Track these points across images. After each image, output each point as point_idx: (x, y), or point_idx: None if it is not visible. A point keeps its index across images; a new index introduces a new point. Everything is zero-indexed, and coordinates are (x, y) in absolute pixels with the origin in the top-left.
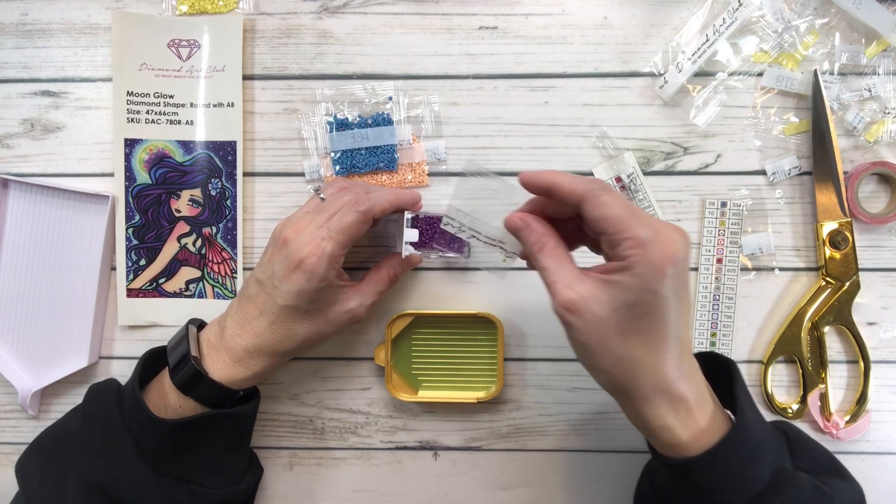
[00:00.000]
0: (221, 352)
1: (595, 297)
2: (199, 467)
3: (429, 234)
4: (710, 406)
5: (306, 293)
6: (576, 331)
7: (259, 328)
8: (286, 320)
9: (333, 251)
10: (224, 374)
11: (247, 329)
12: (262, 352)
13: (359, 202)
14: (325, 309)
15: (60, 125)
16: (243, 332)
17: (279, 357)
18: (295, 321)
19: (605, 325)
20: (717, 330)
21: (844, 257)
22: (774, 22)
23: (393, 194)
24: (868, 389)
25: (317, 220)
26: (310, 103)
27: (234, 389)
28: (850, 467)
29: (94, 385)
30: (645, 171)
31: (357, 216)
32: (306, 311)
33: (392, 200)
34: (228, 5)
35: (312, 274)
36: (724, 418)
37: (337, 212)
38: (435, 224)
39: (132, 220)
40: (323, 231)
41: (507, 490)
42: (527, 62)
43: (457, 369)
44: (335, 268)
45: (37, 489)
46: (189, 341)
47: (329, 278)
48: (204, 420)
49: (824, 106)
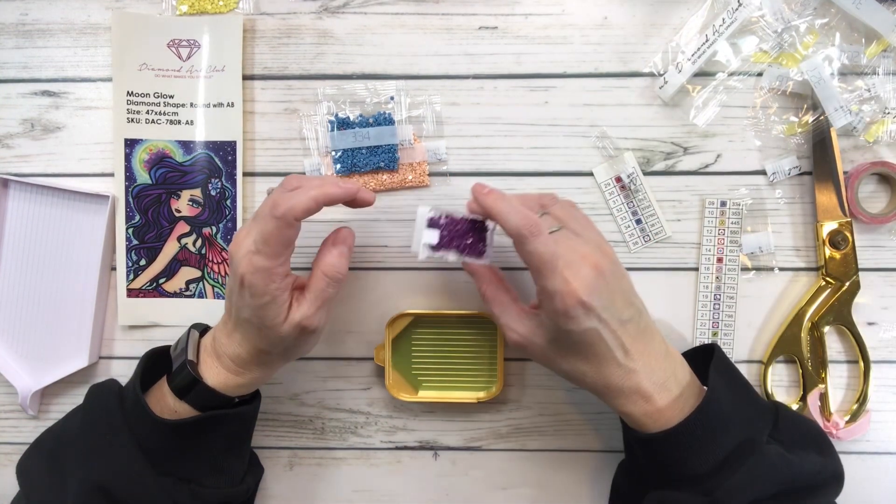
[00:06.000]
0: (214, 358)
1: (533, 332)
2: (201, 467)
3: (448, 236)
4: (673, 391)
5: (256, 309)
6: (530, 356)
7: (237, 339)
8: (252, 335)
9: (264, 265)
10: (218, 381)
11: (230, 339)
12: (247, 362)
13: (276, 205)
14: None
15: (60, 125)
16: (229, 342)
17: (267, 366)
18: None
19: (548, 351)
20: (717, 329)
21: (844, 257)
22: (774, 22)
23: (318, 189)
24: (868, 389)
25: (252, 229)
26: (310, 103)
27: (230, 396)
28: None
29: (95, 385)
30: (645, 171)
31: (275, 222)
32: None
33: (315, 196)
34: (228, 5)
35: (253, 291)
36: (694, 398)
37: (261, 219)
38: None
39: (132, 220)
40: (252, 244)
41: (507, 490)
42: (527, 62)
43: (457, 369)
44: (274, 280)
45: (38, 490)
46: (188, 346)
47: (271, 291)
48: (206, 420)
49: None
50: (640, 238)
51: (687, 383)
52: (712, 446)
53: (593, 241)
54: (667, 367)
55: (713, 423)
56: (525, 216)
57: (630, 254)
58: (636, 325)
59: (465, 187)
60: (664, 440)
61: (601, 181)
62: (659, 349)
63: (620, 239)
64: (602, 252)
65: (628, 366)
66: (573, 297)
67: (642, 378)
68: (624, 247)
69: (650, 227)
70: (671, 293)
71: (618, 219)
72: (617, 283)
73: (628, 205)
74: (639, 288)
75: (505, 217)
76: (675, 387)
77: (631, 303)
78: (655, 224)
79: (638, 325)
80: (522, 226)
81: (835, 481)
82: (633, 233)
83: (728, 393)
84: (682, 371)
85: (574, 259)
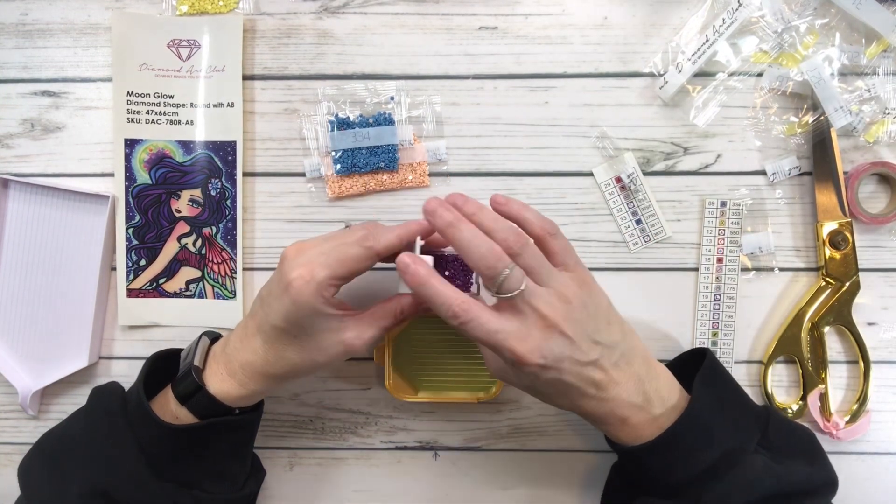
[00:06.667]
0: (221, 364)
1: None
2: (203, 473)
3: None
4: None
5: (292, 317)
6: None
7: (255, 345)
8: (277, 342)
9: (323, 279)
10: (219, 388)
11: (245, 344)
12: (255, 371)
13: (366, 237)
14: (317, 336)
15: (60, 125)
16: (242, 347)
17: (273, 380)
18: (285, 344)
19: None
20: (717, 329)
21: (844, 257)
22: (774, 22)
23: (403, 229)
24: (868, 389)
25: (323, 245)
26: (310, 103)
27: (229, 406)
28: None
29: (98, 387)
30: (645, 172)
31: (360, 250)
32: (295, 335)
33: (400, 234)
34: (228, 5)
35: (297, 298)
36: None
37: (344, 243)
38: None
39: (132, 220)
40: (322, 257)
41: (507, 490)
42: (527, 62)
43: (457, 369)
44: (324, 296)
45: (38, 493)
46: (196, 352)
47: (315, 305)
48: (209, 427)
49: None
50: (640, 238)
51: (669, 399)
52: (693, 457)
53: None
54: (648, 388)
55: (693, 435)
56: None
57: (630, 254)
58: (608, 359)
59: (465, 187)
60: (642, 451)
61: (601, 181)
62: (639, 371)
63: (620, 239)
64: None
65: (600, 395)
66: (523, 362)
67: (616, 405)
68: (624, 247)
69: (650, 227)
70: (671, 293)
71: (618, 219)
72: (579, 328)
73: (628, 205)
74: (639, 288)
75: (436, 307)
76: (655, 405)
77: (597, 342)
78: (655, 224)
79: (610, 358)
80: (450, 315)
81: (825, 489)
82: (633, 233)
83: (714, 402)
84: (667, 387)
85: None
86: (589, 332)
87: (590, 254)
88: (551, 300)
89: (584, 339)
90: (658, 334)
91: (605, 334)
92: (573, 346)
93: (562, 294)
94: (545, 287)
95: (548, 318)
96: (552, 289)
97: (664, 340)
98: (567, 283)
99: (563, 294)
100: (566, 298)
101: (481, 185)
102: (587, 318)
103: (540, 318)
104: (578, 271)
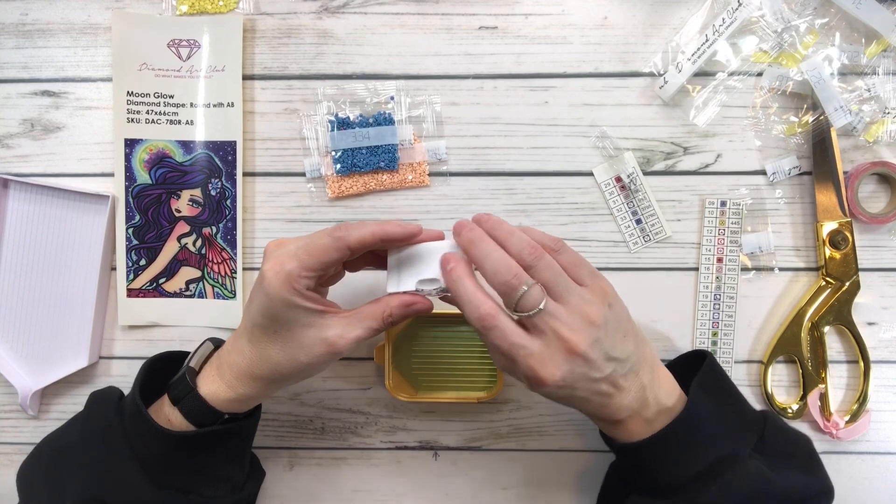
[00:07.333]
0: (214, 367)
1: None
2: (201, 478)
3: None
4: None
5: (266, 310)
6: None
7: (241, 345)
8: (259, 340)
9: (292, 269)
10: (209, 390)
11: (234, 345)
12: (242, 372)
13: (337, 229)
14: (297, 332)
15: (60, 125)
16: (232, 349)
17: (260, 382)
18: (267, 342)
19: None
20: (717, 329)
21: (844, 257)
22: (774, 22)
23: (378, 225)
24: (868, 389)
25: (300, 240)
26: (310, 103)
27: (219, 410)
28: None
29: (96, 392)
30: (645, 171)
31: (329, 240)
32: (275, 330)
33: (375, 231)
34: (228, 5)
35: (269, 290)
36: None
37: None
38: None
39: (132, 220)
40: (293, 249)
41: (507, 490)
42: (527, 62)
43: (457, 369)
44: (295, 287)
45: (35, 501)
46: (195, 355)
47: (286, 297)
48: (207, 434)
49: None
50: (640, 238)
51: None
52: (685, 460)
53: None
54: (649, 395)
55: (686, 438)
56: (478, 307)
57: (630, 254)
58: (618, 372)
59: (465, 187)
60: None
61: (601, 181)
62: (644, 380)
63: (620, 239)
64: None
65: (603, 402)
66: (542, 384)
67: (616, 409)
68: (624, 247)
69: (650, 227)
70: (671, 293)
71: (618, 219)
72: (599, 349)
73: (628, 205)
74: (639, 288)
75: (462, 306)
76: (651, 409)
77: (612, 358)
78: (655, 224)
79: (621, 371)
80: (475, 318)
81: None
82: (633, 233)
83: (709, 407)
84: (666, 392)
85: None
86: (606, 349)
87: (590, 253)
88: (573, 322)
89: (601, 357)
90: (658, 334)
91: (620, 349)
92: (591, 366)
93: (584, 314)
94: (565, 305)
95: (569, 342)
96: (573, 307)
97: (664, 340)
98: (588, 300)
99: (585, 314)
100: (589, 320)
101: (481, 185)
102: (606, 336)
103: (561, 341)
104: (596, 284)
